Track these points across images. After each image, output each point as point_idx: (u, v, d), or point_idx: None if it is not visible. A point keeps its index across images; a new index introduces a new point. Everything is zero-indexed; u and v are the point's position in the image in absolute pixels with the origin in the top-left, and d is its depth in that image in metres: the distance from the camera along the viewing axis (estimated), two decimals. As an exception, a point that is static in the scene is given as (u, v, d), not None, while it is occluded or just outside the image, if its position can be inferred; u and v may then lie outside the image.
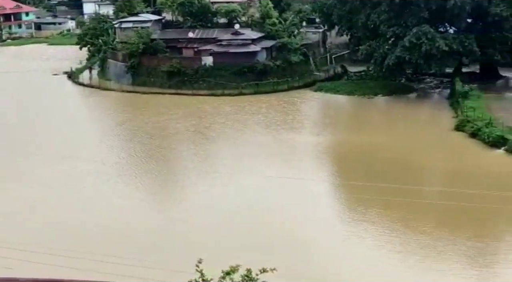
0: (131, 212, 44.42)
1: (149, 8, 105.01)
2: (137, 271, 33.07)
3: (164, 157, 58.06)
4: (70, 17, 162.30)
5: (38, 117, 72.94)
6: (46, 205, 45.89)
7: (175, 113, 73.58)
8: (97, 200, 46.83)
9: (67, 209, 45.06)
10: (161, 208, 46.40)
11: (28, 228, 41.60)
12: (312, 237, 39.21)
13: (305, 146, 59.89)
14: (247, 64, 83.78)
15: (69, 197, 47.70)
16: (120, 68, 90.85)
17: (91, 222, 42.42)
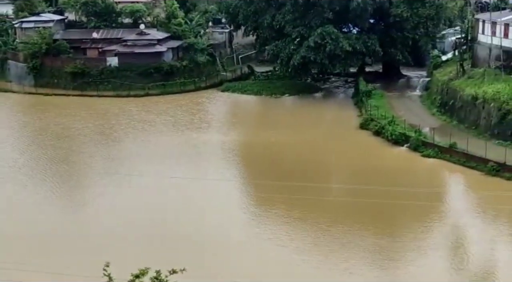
0: (34, 217, 43.17)
1: (51, 7, 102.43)
2: (40, 277, 32.18)
3: (67, 158, 56.79)
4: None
5: None
6: None
7: (79, 115, 72.18)
8: None
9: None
10: (64, 211, 45.33)
11: None
12: (216, 236, 39.24)
13: (212, 146, 59.92)
14: (153, 65, 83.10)
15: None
16: (22, 69, 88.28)
17: None
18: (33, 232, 40.48)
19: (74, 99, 79.68)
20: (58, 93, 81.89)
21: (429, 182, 49.44)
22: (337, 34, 75.91)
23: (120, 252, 35.66)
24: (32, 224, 41.88)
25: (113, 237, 39.42)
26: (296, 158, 55.02)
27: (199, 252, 36.77)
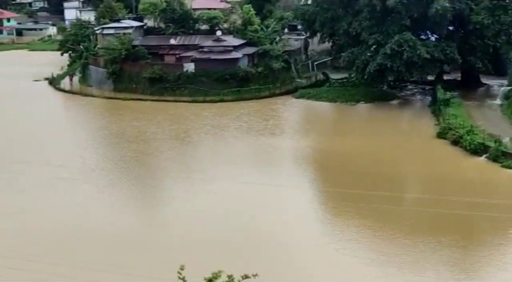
0: (110, 218, 44.01)
1: (131, 14, 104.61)
2: (115, 278, 32.75)
3: (144, 162, 57.67)
4: (51, 23, 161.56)
5: (19, 124, 72.22)
6: (29, 212, 45.35)
7: (155, 119, 73.29)
8: (76, 206, 46.30)
9: (48, 216, 44.56)
10: (140, 214, 45.95)
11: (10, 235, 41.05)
12: (291, 243, 39.00)
13: (285, 152, 59.78)
14: (228, 71, 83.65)
15: (47, 203, 47.24)
16: (102, 74, 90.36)
17: (71, 228, 41.95)
18: (109, 233, 41.22)
19: (151, 104, 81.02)
20: (136, 98, 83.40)
21: (509, 194, 47.95)
22: (415, 41, 74.66)
23: (193, 255, 35.92)
24: (108, 225, 42.63)
25: (186, 240, 39.72)
26: (370, 166, 54.24)
27: (270, 258, 36.64)
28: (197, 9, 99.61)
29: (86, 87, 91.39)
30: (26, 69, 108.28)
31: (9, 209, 45.93)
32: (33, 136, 66.70)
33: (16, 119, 74.46)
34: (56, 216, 44.44)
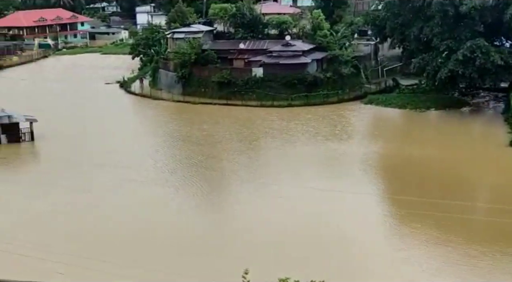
0: (178, 220, 44.54)
1: (201, 19, 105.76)
2: (182, 280, 33.08)
3: (211, 165, 58.19)
4: (123, 27, 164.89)
5: (90, 126, 73.93)
6: (98, 213, 46.33)
7: (222, 123, 73.93)
8: (144, 208, 47.08)
9: (116, 217, 45.44)
10: (206, 217, 46.44)
11: (81, 235, 42.03)
12: (356, 250, 38.72)
13: (352, 158, 59.35)
14: (297, 76, 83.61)
15: (116, 205, 48.22)
16: (171, 78, 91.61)
17: (141, 229, 42.64)
18: (176, 235, 41.73)
19: (219, 108, 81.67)
20: (205, 102, 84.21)
21: None
22: (488, 48, 73.02)
23: (258, 260, 35.98)
24: (176, 227, 43.19)
25: (251, 244, 39.89)
26: (439, 174, 53.35)
27: (336, 265, 36.45)
28: (266, 14, 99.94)
29: (156, 91, 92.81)
30: (98, 72, 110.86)
31: (80, 210, 47.06)
32: (104, 138, 68.28)
33: (88, 121, 76.31)
34: (125, 217, 45.32)
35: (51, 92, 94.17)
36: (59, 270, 33.47)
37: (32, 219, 45.56)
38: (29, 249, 38.12)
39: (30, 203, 48.91)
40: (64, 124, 73.54)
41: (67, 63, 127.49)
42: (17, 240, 40.56)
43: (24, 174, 58.43)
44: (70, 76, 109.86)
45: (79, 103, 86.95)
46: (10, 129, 66.94)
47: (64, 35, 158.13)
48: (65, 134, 69.37)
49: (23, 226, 44.11)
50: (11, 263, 36.51)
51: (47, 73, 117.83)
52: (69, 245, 39.54)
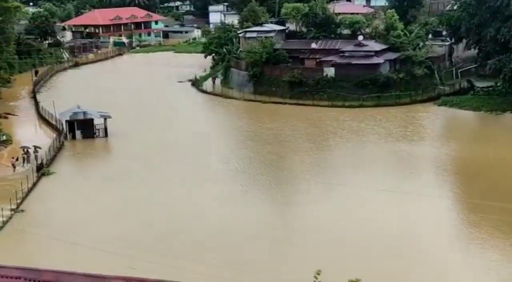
0: (246, 220, 44.74)
1: (273, 18, 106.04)
2: (249, 278, 33.19)
3: (280, 164, 58.47)
4: (196, 26, 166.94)
5: (162, 123, 75.17)
6: (171, 207, 47.01)
7: (292, 122, 74.00)
8: (213, 205, 47.60)
9: (186, 212, 46.00)
10: (277, 217, 46.62)
11: (154, 230, 42.74)
12: (427, 255, 38.11)
13: (423, 159, 58.57)
14: (369, 76, 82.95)
15: (187, 200, 48.86)
16: (243, 77, 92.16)
17: (210, 226, 43.04)
18: (247, 233, 41.95)
19: (289, 107, 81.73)
20: (275, 101, 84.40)
21: None
22: None
23: (329, 260, 35.84)
24: (248, 225, 43.48)
25: (322, 244, 39.78)
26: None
27: (406, 268, 35.98)
28: (339, 13, 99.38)
29: (228, 89, 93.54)
30: (171, 71, 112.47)
31: (152, 206, 47.90)
32: (175, 135, 69.24)
33: (160, 118, 77.49)
34: (195, 214, 45.84)
35: (124, 90, 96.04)
36: (132, 265, 34.00)
37: (105, 212, 46.67)
38: (101, 242, 38.98)
39: (102, 197, 50.20)
40: (136, 121, 74.98)
41: (141, 61, 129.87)
42: (90, 233, 41.57)
43: (97, 168, 59.89)
44: (144, 74, 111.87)
45: (151, 100, 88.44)
46: (85, 125, 68.64)
47: (138, 34, 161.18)
48: (138, 131, 70.74)
49: (96, 219, 45.19)
50: (83, 256, 37.39)
51: (121, 71, 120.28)
52: (141, 240, 40.23)
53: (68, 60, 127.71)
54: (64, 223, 44.37)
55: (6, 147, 65.93)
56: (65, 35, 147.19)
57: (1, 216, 45.22)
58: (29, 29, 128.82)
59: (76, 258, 36.98)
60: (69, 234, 41.19)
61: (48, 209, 48.77)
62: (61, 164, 60.30)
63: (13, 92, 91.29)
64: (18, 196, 49.26)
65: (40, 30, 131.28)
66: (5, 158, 62.28)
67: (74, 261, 35.71)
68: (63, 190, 52.90)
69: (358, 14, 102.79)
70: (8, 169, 58.58)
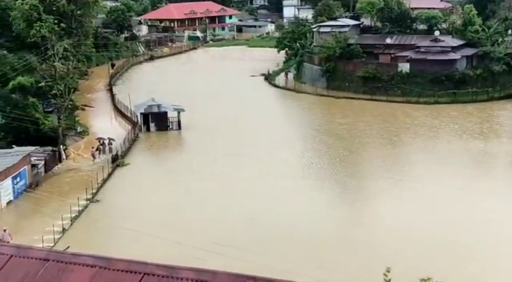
0: (316, 214, 44.70)
1: (348, 13, 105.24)
2: (316, 274, 33.12)
3: (352, 160, 58.24)
4: (270, 20, 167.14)
5: (235, 117, 75.57)
6: (246, 206, 47.33)
7: (364, 118, 73.45)
8: (284, 201, 47.67)
9: (260, 207, 46.23)
10: (348, 212, 46.48)
11: (222, 223, 43.16)
12: (502, 261, 37.14)
13: (500, 157, 57.14)
14: (445, 72, 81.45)
15: (258, 194, 49.15)
16: (316, 72, 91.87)
17: (278, 222, 43.14)
18: (316, 228, 41.89)
19: (362, 103, 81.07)
20: (348, 97, 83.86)
21: None
22: None
23: (400, 258, 35.45)
24: (315, 220, 43.40)
25: (392, 241, 39.37)
26: None
27: (480, 271, 35.21)
28: (415, 8, 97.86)
29: (300, 84, 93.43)
30: (244, 65, 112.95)
31: (223, 198, 48.34)
32: (247, 129, 69.62)
33: (232, 112, 77.98)
34: (266, 208, 45.96)
35: (198, 83, 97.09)
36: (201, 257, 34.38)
37: (177, 204, 47.36)
38: (171, 233, 39.52)
39: (175, 189, 51.02)
40: (209, 115, 75.75)
41: (215, 56, 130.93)
42: (161, 224, 42.25)
43: (170, 161, 60.87)
44: (217, 68, 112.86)
45: (224, 94, 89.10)
46: (159, 118, 69.81)
47: (212, 28, 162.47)
48: (210, 124, 71.48)
49: (168, 211, 45.95)
50: (153, 246, 38.02)
51: (195, 64, 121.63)
52: (208, 232, 40.63)
53: (143, 54, 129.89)
54: (137, 213, 45.31)
55: (82, 138, 67.79)
56: (141, 29, 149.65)
57: (78, 206, 46.55)
58: (106, 23, 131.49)
59: (146, 248, 37.64)
60: (141, 224, 41.98)
61: (122, 200, 49.91)
62: (136, 156, 61.57)
63: (90, 84, 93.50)
64: (93, 186, 50.62)
65: (117, 24, 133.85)
66: (82, 149, 64.04)
67: (144, 250, 36.38)
68: (137, 181, 53.96)
69: (434, 9, 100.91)
70: (85, 160, 60.24)
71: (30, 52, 77.18)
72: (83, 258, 11.78)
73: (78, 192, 48.78)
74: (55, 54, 63.60)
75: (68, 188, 52.12)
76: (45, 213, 45.63)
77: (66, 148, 61.31)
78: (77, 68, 68.08)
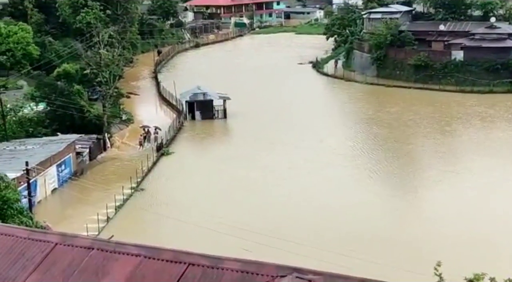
0: (365, 205, 44.47)
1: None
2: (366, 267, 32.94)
3: (400, 149, 57.60)
4: (318, 6, 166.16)
5: (281, 105, 75.45)
6: (284, 190, 47.40)
7: (414, 107, 72.72)
8: (333, 192, 47.47)
9: (304, 198, 46.20)
10: (398, 204, 46.03)
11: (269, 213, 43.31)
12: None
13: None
14: (500, 61, 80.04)
15: (302, 184, 49.09)
16: (366, 59, 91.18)
17: (324, 213, 43.05)
18: (364, 219, 41.74)
19: (413, 92, 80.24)
20: (399, 85, 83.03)
21: None
22: None
23: (451, 252, 35.06)
24: (362, 212, 43.24)
25: (443, 235, 38.99)
26: None
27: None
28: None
29: (349, 72, 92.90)
30: (291, 52, 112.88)
31: (266, 189, 48.37)
32: (294, 118, 69.44)
33: (279, 100, 77.81)
34: (308, 198, 45.88)
35: (244, 71, 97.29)
36: (247, 247, 34.51)
37: (220, 193, 47.62)
38: (215, 223, 39.74)
39: (219, 178, 51.26)
40: (256, 103, 75.83)
41: (261, 43, 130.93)
42: (204, 213, 42.50)
43: (215, 150, 61.13)
44: (264, 55, 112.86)
45: (271, 82, 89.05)
46: (205, 106, 70.17)
47: (259, 14, 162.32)
48: (257, 113, 71.58)
49: (211, 200, 46.22)
50: (197, 236, 38.31)
51: (241, 52, 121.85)
52: (255, 223, 40.71)
53: (189, 41, 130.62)
54: (181, 203, 45.74)
55: (127, 126, 68.54)
56: (187, 16, 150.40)
57: (122, 194, 47.13)
58: (152, 10, 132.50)
59: (191, 238, 37.94)
60: (186, 213, 42.30)
61: (166, 188, 50.42)
62: (180, 144, 62.07)
63: (135, 72, 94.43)
64: (138, 175, 51.19)
65: (163, 10, 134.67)
66: (127, 137, 64.79)
67: (189, 240, 36.68)
68: (181, 170, 54.43)
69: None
70: (130, 148, 61.00)
71: (75, 39, 78.42)
72: (128, 247, 11.92)
73: (122, 181, 49.41)
74: (100, 41, 64.39)
75: (112, 177, 52.85)
76: (89, 201, 46.35)
77: (110, 136, 62.10)
78: (122, 55, 68.83)
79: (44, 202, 47.34)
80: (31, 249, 12.43)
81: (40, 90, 63.24)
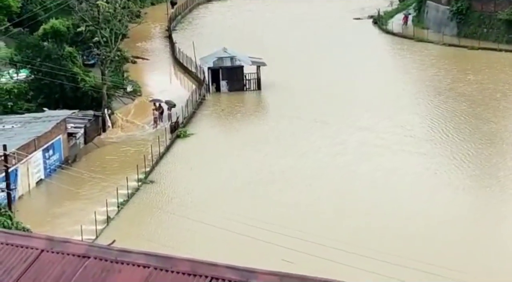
0: (440, 202, 44.53)
1: None
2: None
3: (485, 131, 57.45)
4: None
5: (331, 73, 75.10)
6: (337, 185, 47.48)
7: (508, 76, 71.91)
8: (398, 185, 47.48)
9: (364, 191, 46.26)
10: (480, 200, 46.02)
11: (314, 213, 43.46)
12: None
13: None
14: None
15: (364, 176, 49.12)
16: (443, 13, 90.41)
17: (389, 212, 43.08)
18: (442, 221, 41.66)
19: (505, 55, 79.59)
20: (486, 47, 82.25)
21: None
22: None
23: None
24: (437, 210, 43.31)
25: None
26: None
27: None
28: None
29: (421, 30, 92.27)
30: (347, 4, 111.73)
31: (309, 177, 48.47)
32: (350, 90, 69.09)
33: (329, 67, 77.45)
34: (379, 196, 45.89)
35: (284, 29, 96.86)
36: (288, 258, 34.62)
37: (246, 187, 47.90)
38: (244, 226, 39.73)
39: (246, 168, 51.35)
40: (299, 70, 75.71)
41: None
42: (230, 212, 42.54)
43: (244, 131, 61.25)
44: (310, 9, 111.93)
45: (318, 43, 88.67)
46: (233, 74, 69.97)
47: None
48: (300, 83, 71.42)
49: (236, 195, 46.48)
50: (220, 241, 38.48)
51: (282, 4, 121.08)
52: (297, 225, 40.74)
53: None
54: (202, 199, 45.85)
55: (133, 100, 68.56)
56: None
57: (126, 188, 47.20)
58: None
59: (215, 244, 38.14)
60: (207, 212, 42.20)
61: (182, 181, 50.61)
62: (201, 124, 62.23)
63: (143, 29, 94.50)
64: (147, 163, 51.30)
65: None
66: (132, 114, 64.82)
67: (212, 247, 36.92)
68: (202, 157, 54.41)
69: None
70: (137, 128, 61.22)
71: (66, -13, 78.65)
72: (134, 256, 11.99)
73: (126, 170, 49.72)
74: (99, -11, 64.60)
75: (114, 165, 53.22)
76: (84, 197, 46.76)
77: (112, 113, 62.37)
78: (126, 8, 68.82)
79: (27, 196, 47.82)
80: (9, 257, 12.54)
81: (22, 53, 63.69)
